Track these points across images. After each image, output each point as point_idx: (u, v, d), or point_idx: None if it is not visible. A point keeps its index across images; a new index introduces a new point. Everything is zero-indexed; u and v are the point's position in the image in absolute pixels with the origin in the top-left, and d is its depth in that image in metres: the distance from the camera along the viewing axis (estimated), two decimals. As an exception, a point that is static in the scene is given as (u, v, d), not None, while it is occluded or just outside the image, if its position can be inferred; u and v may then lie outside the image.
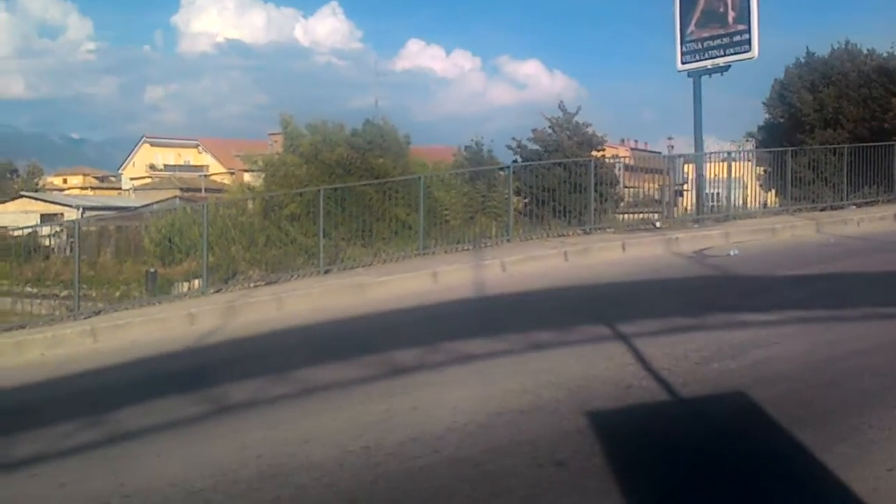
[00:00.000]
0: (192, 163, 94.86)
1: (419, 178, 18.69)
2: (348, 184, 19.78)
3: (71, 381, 10.71)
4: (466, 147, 28.68)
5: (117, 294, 17.62)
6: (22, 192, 66.92)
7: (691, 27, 21.31)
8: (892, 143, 22.83)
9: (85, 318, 14.58)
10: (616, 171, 24.27)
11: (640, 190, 25.27)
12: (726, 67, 20.95)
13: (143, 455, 6.78)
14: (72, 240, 19.12)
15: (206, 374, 9.86)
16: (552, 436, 6.08)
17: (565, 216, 19.62)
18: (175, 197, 59.13)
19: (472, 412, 6.75)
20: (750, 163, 23.15)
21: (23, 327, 14.49)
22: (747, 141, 31.40)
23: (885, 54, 29.24)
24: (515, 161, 24.52)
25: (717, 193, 21.61)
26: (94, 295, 17.33)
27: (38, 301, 16.78)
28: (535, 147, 25.77)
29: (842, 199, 21.51)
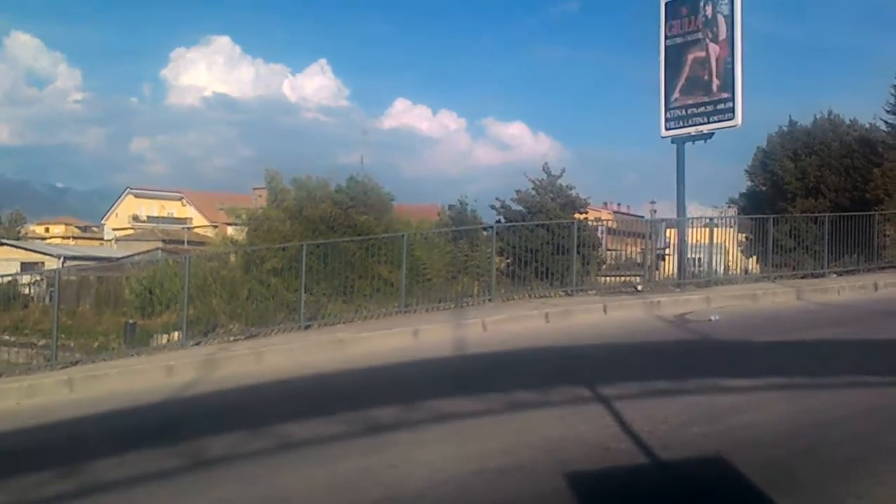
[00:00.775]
0: (175, 215, 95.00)
1: (402, 235, 18.71)
2: (331, 240, 19.80)
3: (46, 431, 10.60)
4: (451, 206, 28.85)
5: (95, 345, 17.52)
6: (3, 240, 66.59)
7: (676, 94, 21.54)
8: (873, 212, 23.08)
9: (62, 368, 14.50)
10: (599, 233, 24.43)
11: (623, 253, 25.37)
12: (710, 135, 21.12)
13: (116, 508, 6.70)
14: (51, 289, 19.03)
15: (182, 427, 9.79)
16: (530, 496, 6.04)
17: (548, 277, 19.64)
18: (157, 249, 59.02)
19: (450, 471, 6.70)
20: (732, 229, 23.29)
21: (-1, 375, 14.37)
22: (729, 207, 31.71)
23: (867, 125, 29.77)
24: (499, 221, 24.68)
25: (699, 259, 21.69)
26: (72, 345, 17.23)
27: (16, 349, 16.69)
28: (519, 208, 25.97)
29: (823, 268, 21.61)
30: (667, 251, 22.12)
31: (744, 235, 24.40)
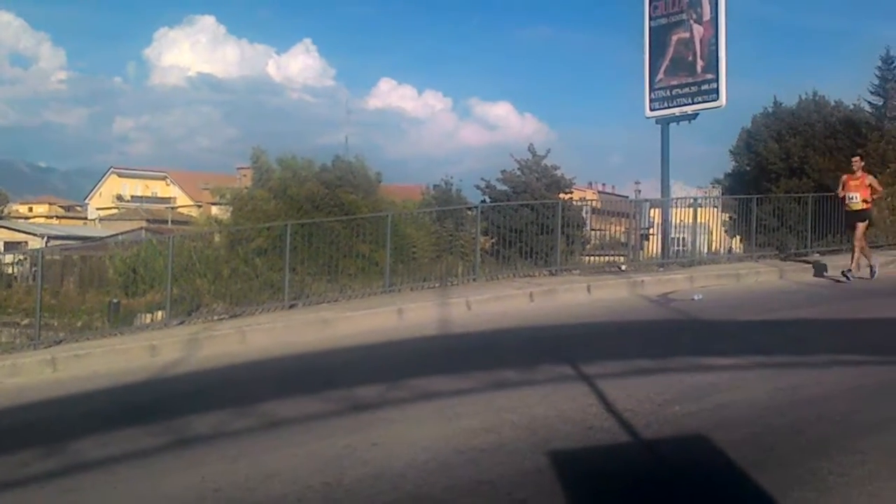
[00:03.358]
0: (159, 194, 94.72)
1: (387, 215, 18.66)
2: (316, 219, 19.76)
3: (29, 410, 10.58)
4: (435, 186, 28.89)
5: (79, 324, 17.42)
6: (-15, 220, 66.31)
7: (660, 75, 21.51)
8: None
9: (45, 348, 14.44)
10: (583, 213, 24.47)
11: (607, 233, 25.42)
12: (694, 115, 21.11)
13: (100, 486, 6.69)
14: (35, 268, 18.92)
15: (166, 405, 9.78)
16: (513, 475, 6.05)
17: (532, 257, 19.67)
18: (141, 228, 58.88)
19: (433, 450, 6.71)
20: (716, 209, 23.36)
21: (-19, 355, 14.30)
22: (714, 187, 31.78)
23: (851, 106, 29.85)
24: (484, 201, 24.72)
25: (683, 238, 21.74)
26: (55, 324, 17.14)
27: (-1, 329, 16.61)
28: (504, 188, 26.03)
29: (806, 247, 21.67)
30: (651, 231, 22.12)
31: (727, 215, 24.47)
